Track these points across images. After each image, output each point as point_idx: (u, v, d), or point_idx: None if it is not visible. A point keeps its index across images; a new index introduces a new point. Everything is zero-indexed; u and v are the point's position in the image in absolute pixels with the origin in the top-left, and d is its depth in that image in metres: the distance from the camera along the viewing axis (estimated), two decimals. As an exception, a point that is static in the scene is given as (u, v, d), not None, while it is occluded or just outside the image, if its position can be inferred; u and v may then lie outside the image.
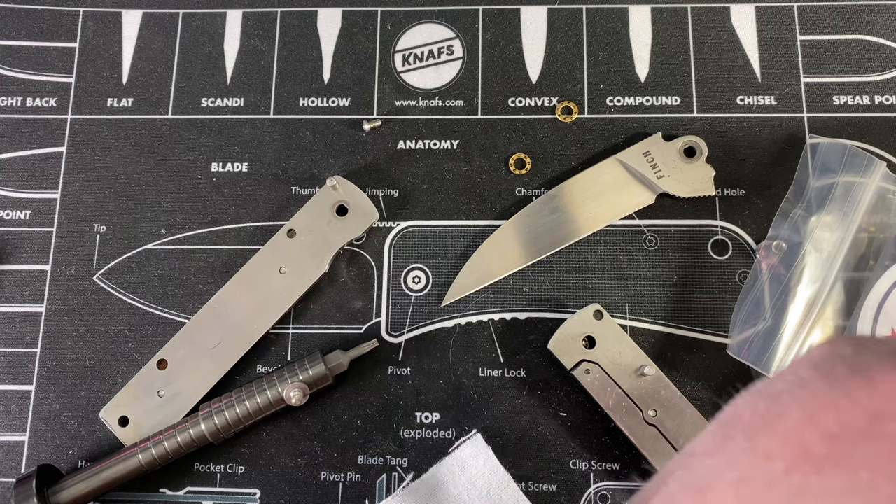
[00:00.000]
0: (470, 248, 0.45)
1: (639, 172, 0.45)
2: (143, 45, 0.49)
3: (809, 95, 0.46)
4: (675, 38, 0.48)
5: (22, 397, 0.44)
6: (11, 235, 0.47)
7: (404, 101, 0.48)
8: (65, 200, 0.47)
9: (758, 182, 0.45)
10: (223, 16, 0.50)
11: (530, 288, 0.44)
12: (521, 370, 0.43)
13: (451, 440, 0.42)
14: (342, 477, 0.42)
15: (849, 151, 0.43)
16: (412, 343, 0.44)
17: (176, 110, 0.48)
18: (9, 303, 0.46)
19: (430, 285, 0.45)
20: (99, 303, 0.45)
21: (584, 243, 0.45)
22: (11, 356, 0.45)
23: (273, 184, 0.47)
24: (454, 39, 0.49)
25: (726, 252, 0.44)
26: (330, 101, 0.48)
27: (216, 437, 0.41)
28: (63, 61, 0.49)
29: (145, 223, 0.46)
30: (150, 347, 0.44)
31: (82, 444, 0.43)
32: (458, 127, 0.47)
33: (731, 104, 0.47)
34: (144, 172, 0.47)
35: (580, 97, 0.47)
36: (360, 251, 0.46)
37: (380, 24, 0.49)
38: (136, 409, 0.43)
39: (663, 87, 0.47)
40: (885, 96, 0.46)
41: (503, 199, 0.46)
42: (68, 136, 0.48)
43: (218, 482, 0.43)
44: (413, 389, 0.43)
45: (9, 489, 0.43)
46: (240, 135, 0.48)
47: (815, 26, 0.48)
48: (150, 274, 0.46)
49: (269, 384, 0.41)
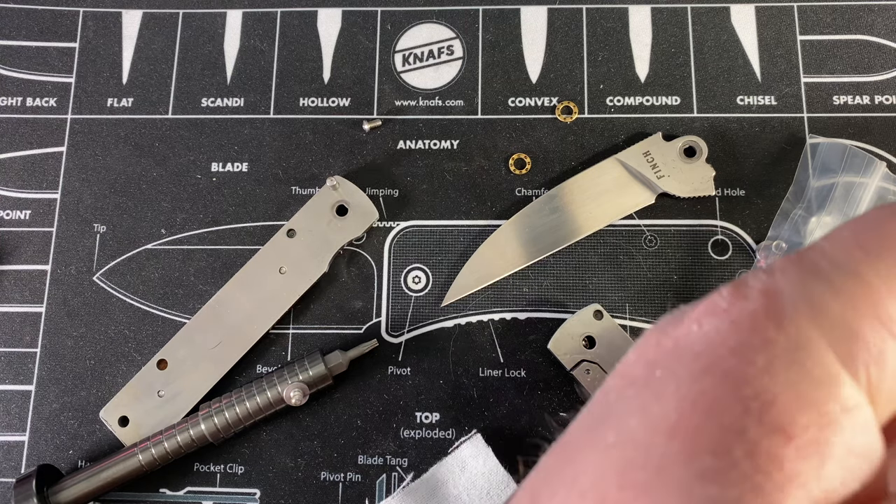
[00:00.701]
0: (470, 248, 0.45)
1: (639, 172, 0.45)
2: (143, 45, 0.49)
3: (809, 95, 0.46)
4: (675, 38, 0.48)
5: (22, 397, 0.44)
6: (11, 235, 0.47)
7: (404, 101, 0.48)
8: (65, 200, 0.47)
9: (758, 182, 0.45)
10: (223, 16, 0.50)
11: (530, 288, 0.44)
12: (521, 370, 0.43)
13: (451, 440, 0.42)
14: (342, 477, 0.42)
15: (849, 152, 0.43)
16: (412, 343, 0.44)
17: (176, 110, 0.48)
18: (9, 303, 0.46)
19: (430, 285, 0.45)
20: (99, 303, 0.45)
21: (584, 243, 0.45)
22: (11, 356, 0.45)
23: (273, 184, 0.47)
24: (454, 39, 0.49)
25: (726, 252, 0.44)
26: (330, 101, 0.48)
27: (216, 437, 0.41)
28: (63, 61, 0.49)
29: (145, 223, 0.46)
30: (150, 347, 0.44)
31: (82, 444, 0.43)
32: (458, 127, 0.47)
33: (731, 104, 0.47)
34: (144, 172, 0.47)
35: (580, 97, 0.47)
36: (360, 251, 0.46)
37: (380, 24, 0.49)
38: (136, 409, 0.43)
39: (663, 87, 0.47)
40: (885, 96, 0.46)
41: (503, 199, 0.46)
42: (68, 136, 0.48)
43: (218, 482, 0.43)
44: (413, 389, 0.43)
45: (9, 489, 0.43)
46: (240, 135, 0.48)
47: (815, 26, 0.48)
48: (150, 274, 0.46)
49: (269, 384, 0.41)
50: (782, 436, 0.15)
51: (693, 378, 0.16)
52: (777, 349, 0.16)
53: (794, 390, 0.15)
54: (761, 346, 0.16)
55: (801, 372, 0.15)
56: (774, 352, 0.16)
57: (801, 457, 0.15)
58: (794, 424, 0.15)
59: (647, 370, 0.17)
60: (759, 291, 0.17)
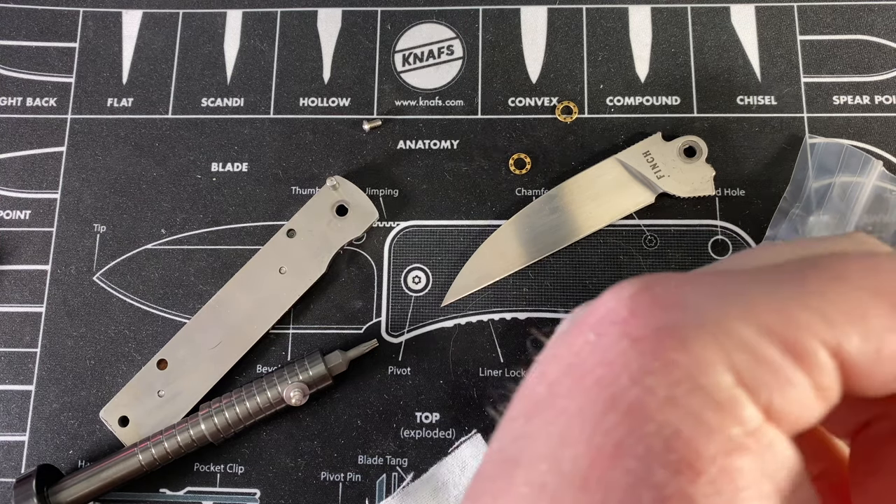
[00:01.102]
0: (470, 248, 0.45)
1: (639, 172, 0.45)
2: (143, 45, 0.49)
3: (809, 95, 0.46)
4: (675, 38, 0.48)
5: (22, 397, 0.44)
6: (11, 235, 0.47)
7: (404, 101, 0.48)
8: (65, 200, 0.47)
9: (758, 182, 0.45)
10: (223, 16, 0.50)
11: (530, 288, 0.44)
12: (521, 370, 0.43)
13: (451, 440, 0.42)
14: (342, 477, 0.42)
15: (845, 151, 0.43)
16: (412, 343, 0.44)
17: (176, 110, 0.48)
18: (9, 303, 0.46)
19: (430, 285, 0.45)
20: (99, 303, 0.45)
21: (584, 243, 0.45)
22: (11, 356, 0.45)
23: (273, 184, 0.47)
24: (454, 39, 0.49)
25: (726, 252, 0.44)
26: (330, 101, 0.48)
27: (216, 437, 0.41)
28: (63, 61, 0.49)
29: (145, 223, 0.46)
30: (150, 347, 0.44)
31: (82, 444, 0.43)
32: (458, 127, 0.47)
33: (731, 104, 0.47)
34: (144, 172, 0.47)
35: (580, 97, 0.47)
36: (360, 251, 0.46)
37: (380, 24, 0.49)
38: (136, 409, 0.43)
39: (663, 87, 0.47)
40: (885, 96, 0.46)
41: (503, 199, 0.46)
42: (68, 136, 0.48)
43: (218, 482, 0.43)
44: (413, 389, 0.43)
45: (9, 489, 0.43)
46: (240, 135, 0.48)
47: (815, 26, 0.48)
48: (150, 274, 0.46)
49: (269, 384, 0.41)
50: (690, 472, 0.14)
51: (597, 416, 0.15)
52: (678, 373, 0.15)
53: (697, 419, 0.14)
54: (662, 372, 0.15)
55: (702, 398, 0.15)
56: (676, 377, 0.15)
57: (713, 491, 0.14)
58: (701, 458, 0.14)
59: (549, 394, 0.17)
60: (665, 304, 0.16)
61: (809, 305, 0.15)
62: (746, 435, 0.15)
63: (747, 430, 0.15)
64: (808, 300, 0.16)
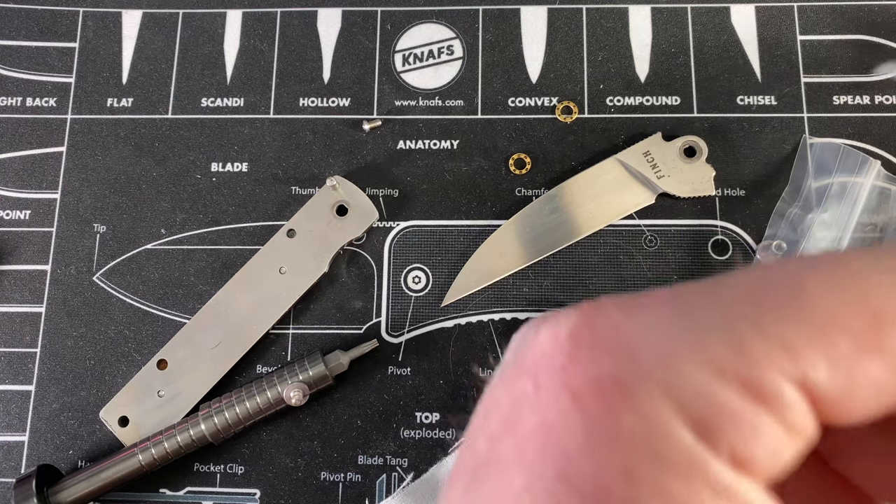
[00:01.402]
0: (470, 248, 0.45)
1: (639, 172, 0.45)
2: (143, 45, 0.49)
3: (809, 95, 0.46)
4: (675, 38, 0.48)
5: (22, 397, 0.44)
6: (11, 235, 0.47)
7: (404, 101, 0.48)
8: (65, 200, 0.47)
9: (758, 182, 0.45)
10: (223, 16, 0.50)
11: (530, 288, 0.44)
12: (521, 370, 0.43)
13: (451, 440, 0.42)
14: (342, 477, 0.42)
15: (843, 152, 0.43)
16: (412, 343, 0.44)
17: (176, 110, 0.48)
18: (9, 303, 0.46)
19: (430, 285, 0.45)
20: (99, 303, 0.45)
21: (584, 243, 0.45)
22: (11, 356, 0.45)
23: (273, 184, 0.47)
24: (454, 39, 0.49)
25: (726, 252, 0.44)
26: (330, 101, 0.48)
27: (216, 437, 0.41)
28: (63, 61, 0.49)
29: (145, 223, 0.46)
30: (150, 347, 0.44)
31: (82, 444, 0.43)
32: (458, 127, 0.47)
33: (731, 104, 0.47)
34: (144, 172, 0.47)
35: (580, 97, 0.47)
36: (360, 251, 0.46)
37: (380, 24, 0.49)
38: (136, 409, 0.43)
39: (663, 87, 0.47)
40: (884, 96, 0.46)
41: (503, 199, 0.46)
42: (68, 136, 0.48)
43: (218, 482, 0.43)
44: (413, 389, 0.43)
45: (9, 489, 0.43)
46: (240, 135, 0.48)
47: (815, 26, 0.48)
48: (150, 274, 0.46)
49: (269, 384, 0.41)
50: None
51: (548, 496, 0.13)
52: (630, 438, 0.13)
53: (661, 492, 0.13)
54: (612, 438, 0.13)
55: (662, 468, 0.13)
56: (628, 443, 0.13)
57: None
58: None
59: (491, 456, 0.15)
60: (605, 344, 0.14)
61: (766, 332, 0.13)
62: (717, 496, 0.13)
63: (717, 490, 0.13)
64: (764, 325, 0.13)
